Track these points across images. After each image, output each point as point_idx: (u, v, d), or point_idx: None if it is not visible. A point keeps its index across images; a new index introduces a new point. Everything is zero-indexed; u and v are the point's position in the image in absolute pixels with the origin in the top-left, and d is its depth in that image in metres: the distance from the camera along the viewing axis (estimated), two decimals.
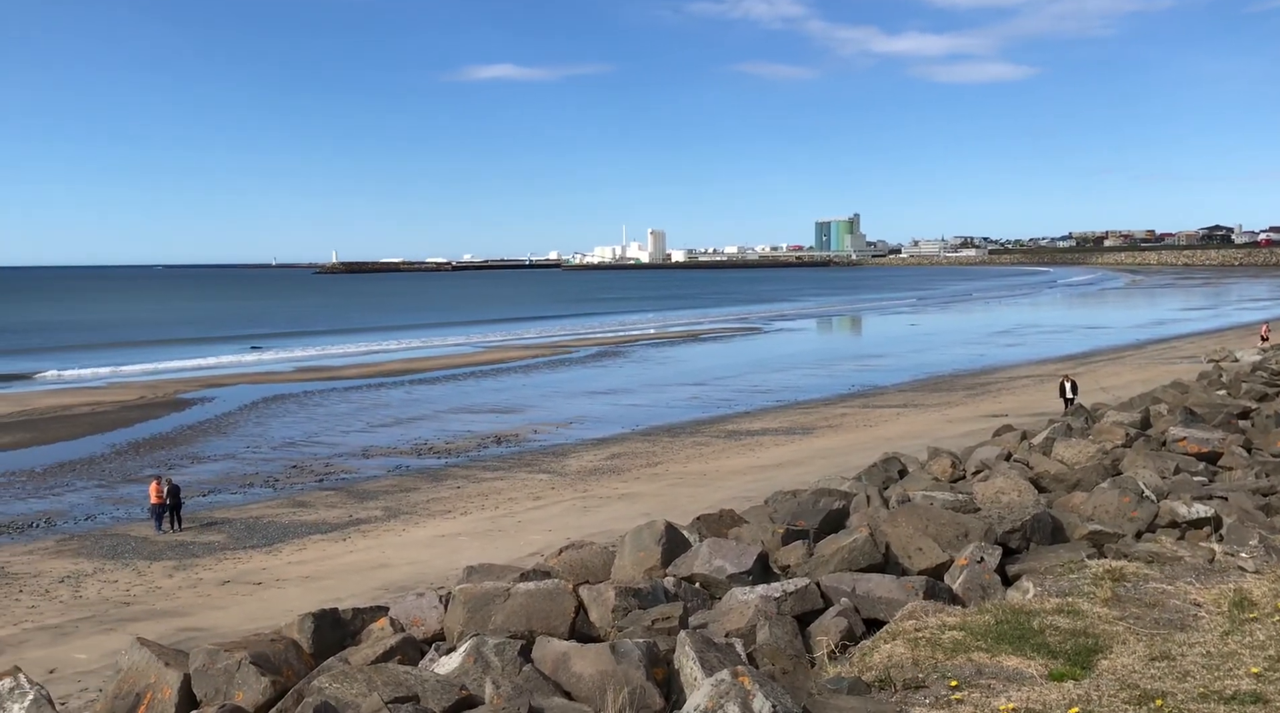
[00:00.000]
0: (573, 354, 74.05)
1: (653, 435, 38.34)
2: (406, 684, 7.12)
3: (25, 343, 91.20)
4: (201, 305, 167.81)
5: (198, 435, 40.48)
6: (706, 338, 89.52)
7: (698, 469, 30.98)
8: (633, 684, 7.31)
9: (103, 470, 33.67)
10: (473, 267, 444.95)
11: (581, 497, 27.69)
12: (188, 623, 18.02)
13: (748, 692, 7.01)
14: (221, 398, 51.57)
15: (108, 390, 55.62)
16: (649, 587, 9.56)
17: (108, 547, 24.22)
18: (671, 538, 11.33)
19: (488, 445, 37.11)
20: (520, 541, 22.82)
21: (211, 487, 30.87)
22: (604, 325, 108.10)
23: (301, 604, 17.74)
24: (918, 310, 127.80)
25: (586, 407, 46.67)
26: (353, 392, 53.80)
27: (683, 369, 63.14)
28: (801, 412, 43.46)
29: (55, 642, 17.35)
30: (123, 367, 68.63)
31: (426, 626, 9.34)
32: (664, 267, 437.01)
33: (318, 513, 27.22)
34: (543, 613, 8.97)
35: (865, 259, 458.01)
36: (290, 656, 8.24)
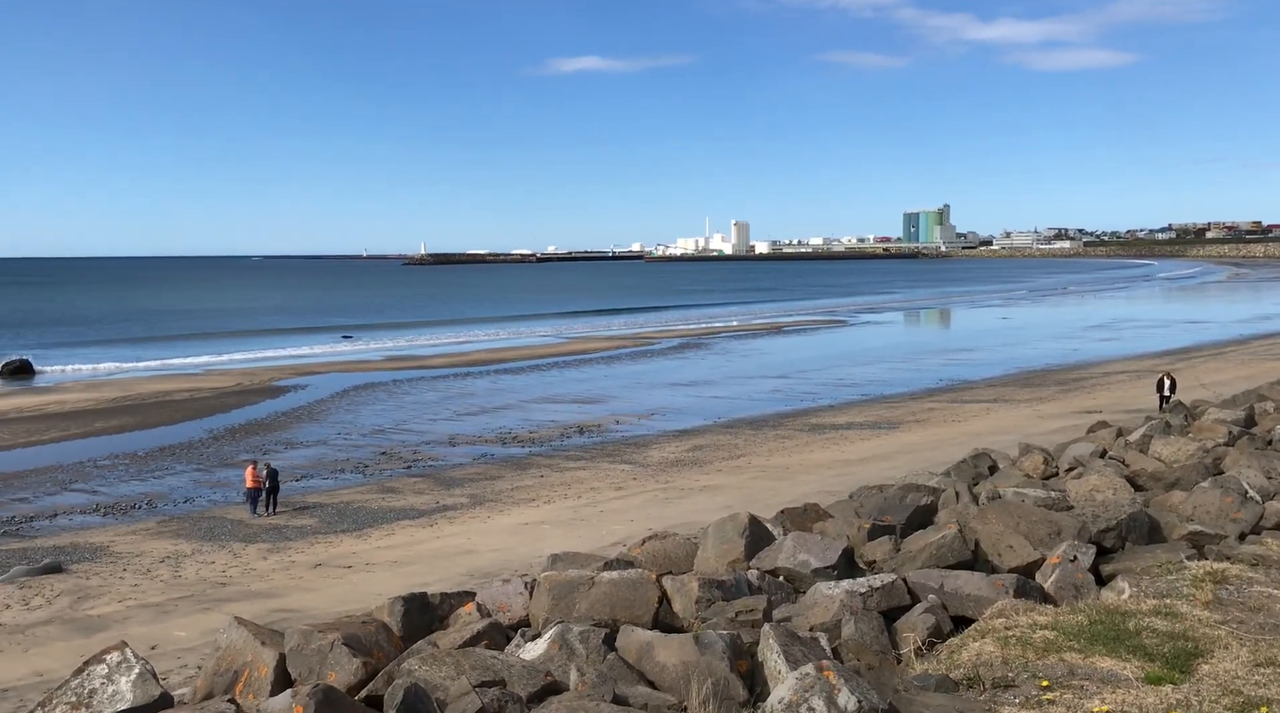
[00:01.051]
0: (655, 346, 74.15)
1: (735, 428, 38.21)
2: (493, 669, 7.22)
3: (127, 333, 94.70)
4: (296, 295, 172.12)
5: (291, 422, 41.57)
6: (790, 330, 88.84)
7: (780, 463, 30.79)
8: (716, 676, 7.30)
9: (201, 455, 34.80)
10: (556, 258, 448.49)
11: (663, 488, 27.73)
12: (281, 604, 18.52)
13: (833, 687, 6.96)
14: (314, 385, 52.90)
15: (206, 377, 57.46)
16: (732, 579, 9.53)
17: (205, 529, 25.02)
18: (755, 531, 11.28)
19: (570, 435, 37.39)
20: (602, 530, 22.95)
21: (304, 472, 31.68)
22: (686, 317, 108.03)
23: (390, 588, 18.13)
24: (1009, 303, 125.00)
25: (668, 398, 46.72)
26: (440, 380, 54.68)
27: (765, 362, 62.77)
28: (887, 406, 42.88)
29: (156, 619, 17.99)
30: (222, 355, 70.84)
31: (512, 612, 9.46)
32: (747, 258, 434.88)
33: (406, 499, 27.74)
34: (626, 602, 9.01)
35: (955, 251, 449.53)
36: (381, 638, 8.42)
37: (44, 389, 53.89)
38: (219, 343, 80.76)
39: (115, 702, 7.28)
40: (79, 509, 27.37)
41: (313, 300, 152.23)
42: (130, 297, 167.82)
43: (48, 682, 14.80)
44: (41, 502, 28.20)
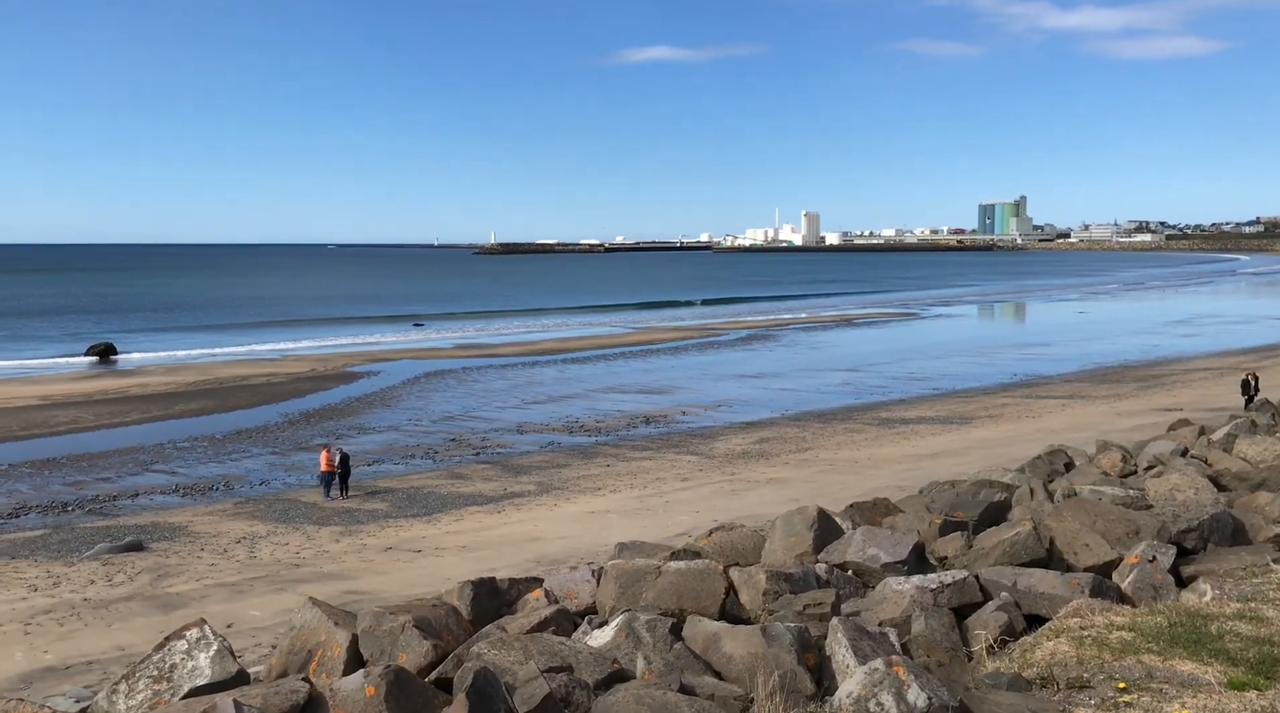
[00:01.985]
0: (722, 337, 73.92)
1: (803, 421, 37.94)
2: (561, 655, 7.26)
3: (206, 319, 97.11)
4: (369, 283, 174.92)
5: (364, 407, 42.29)
6: (860, 323, 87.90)
7: (849, 456, 30.50)
8: (784, 668, 7.26)
9: (276, 438, 35.58)
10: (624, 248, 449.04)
11: (729, 480, 27.66)
12: (352, 586, 18.87)
13: (902, 682, 6.87)
14: (386, 372, 53.75)
15: (282, 362, 58.71)
16: (800, 572, 9.46)
17: (280, 511, 25.57)
18: (824, 524, 11.18)
19: (637, 425, 37.47)
20: (668, 520, 22.96)
21: (376, 457, 32.21)
22: (754, 308, 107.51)
23: (458, 573, 18.35)
24: (1087, 298, 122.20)
25: (735, 390, 46.56)
26: (508, 369, 55.18)
27: (835, 354, 62.22)
28: (959, 401, 42.23)
29: (232, 598, 18.44)
30: (299, 341, 72.33)
31: (579, 599, 9.51)
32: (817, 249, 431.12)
33: (474, 485, 28.05)
34: (693, 592, 8.99)
35: (1031, 243, 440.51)
36: (450, 621, 8.53)
37: (127, 372, 55.57)
38: (295, 330, 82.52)
39: (194, 677, 7.47)
40: (159, 490, 28.17)
41: (385, 288, 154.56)
42: (210, 283, 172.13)
43: (129, 656, 15.27)
44: (124, 482, 29.09)
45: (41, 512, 25.77)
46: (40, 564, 20.97)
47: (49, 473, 30.11)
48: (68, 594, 18.83)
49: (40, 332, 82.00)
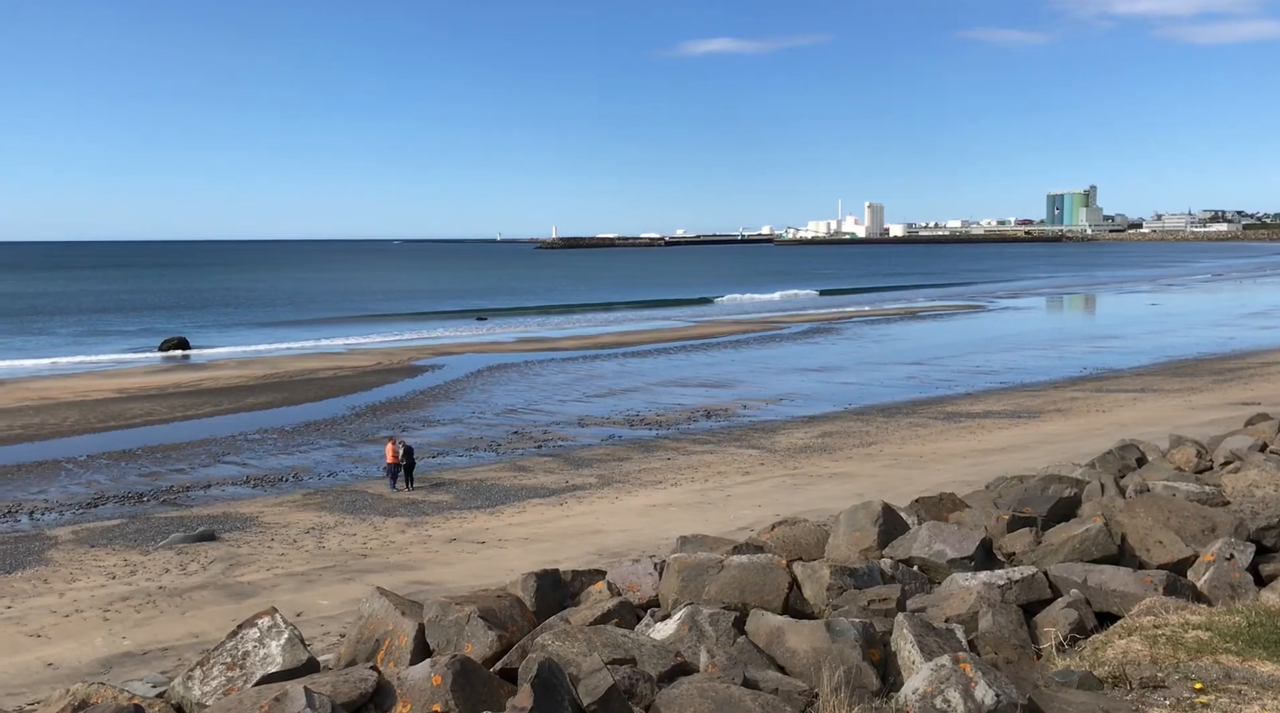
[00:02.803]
0: (783, 330, 73.49)
1: (866, 415, 37.59)
2: (624, 647, 7.28)
3: (276, 314, 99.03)
4: (433, 277, 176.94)
5: (428, 400, 42.81)
6: (925, 316, 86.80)
7: (914, 451, 30.15)
8: (848, 663, 7.20)
9: (343, 431, 36.17)
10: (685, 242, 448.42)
11: (791, 474, 27.51)
12: (418, 577, 19.12)
13: (969, 679, 6.78)
14: (450, 366, 54.35)
15: (349, 356, 59.67)
16: (865, 567, 9.38)
17: (347, 502, 26.00)
18: (888, 519, 11.07)
19: (697, 419, 37.42)
20: (729, 514, 22.91)
21: (440, 449, 32.59)
22: (815, 301, 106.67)
23: (521, 564, 18.50)
24: (1159, 289, 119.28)
25: (797, 383, 46.28)
26: (569, 363, 55.45)
27: (899, 348, 61.52)
28: (1027, 395, 41.50)
29: (301, 588, 18.80)
30: (367, 337, 73.48)
31: (642, 591, 9.53)
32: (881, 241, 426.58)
33: (536, 478, 28.25)
34: (756, 586, 8.96)
35: (1101, 234, 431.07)
36: (515, 612, 8.60)
37: (199, 366, 56.90)
38: (361, 324, 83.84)
39: (266, 664, 7.64)
40: (231, 481, 28.81)
41: (449, 283, 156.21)
42: (279, 278, 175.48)
43: (203, 643, 15.66)
44: (197, 473, 29.79)
45: (119, 502, 26.51)
46: (118, 553, 21.58)
47: (126, 464, 30.95)
48: (144, 582, 19.36)
49: (116, 327, 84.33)
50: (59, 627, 16.90)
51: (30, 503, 26.33)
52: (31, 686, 14.20)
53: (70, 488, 28.06)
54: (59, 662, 15.27)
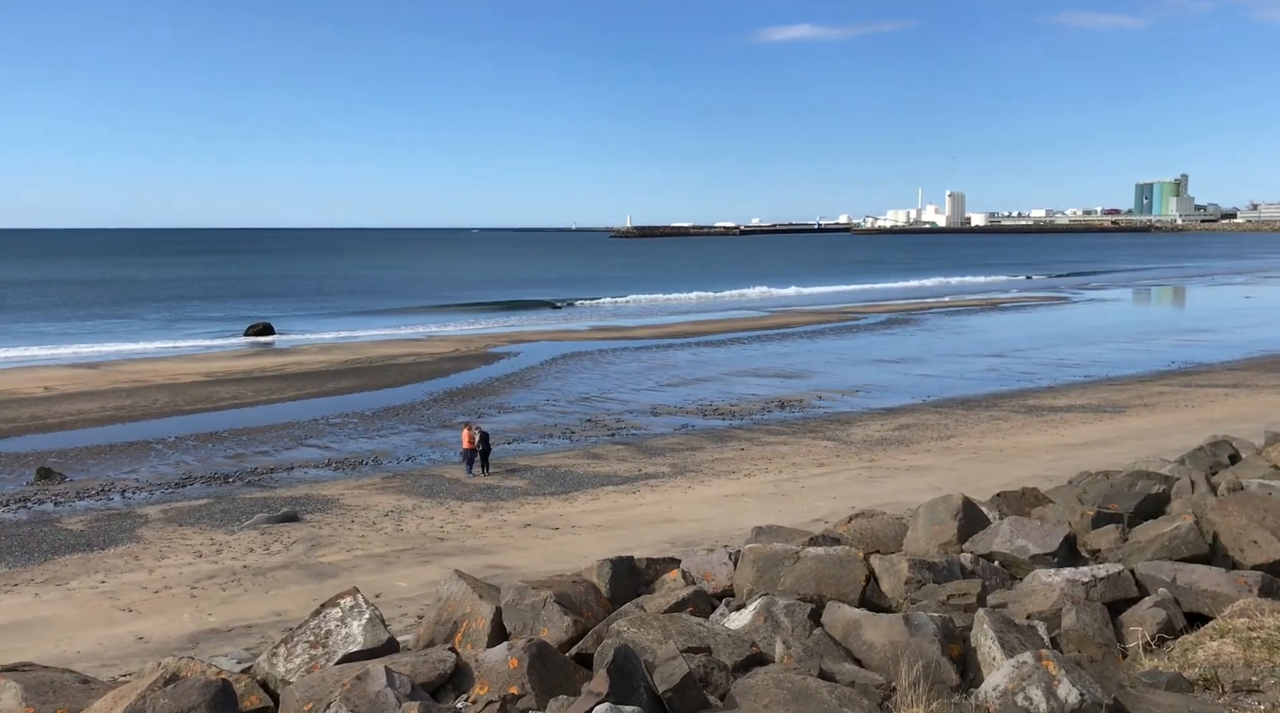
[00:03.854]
0: (860, 321, 72.65)
1: (945, 408, 36.99)
2: (699, 636, 7.27)
3: (358, 300, 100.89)
4: (509, 266, 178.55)
5: (504, 387, 43.25)
6: (1007, 307, 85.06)
7: (994, 445, 29.60)
8: (927, 658, 7.10)
9: (421, 416, 36.74)
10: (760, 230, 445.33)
11: (867, 466, 27.21)
12: (493, 561, 19.35)
13: (1052, 677, 6.64)
14: (526, 353, 54.84)
15: (427, 343, 60.55)
16: (944, 561, 9.23)
17: (425, 486, 26.41)
18: (969, 513, 10.88)
19: (771, 410, 37.21)
20: (804, 506, 22.75)
21: (515, 436, 32.91)
22: (895, 291, 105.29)
23: (594, 551, 18.60)
24: (1254, 282, 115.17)
25: (874, 375, 45.72)
26: (643, 351, 55.53)
27: (979, 339, 60.41)
28: (1112, 388, 40.44)
29: (380, 569, 19.16)
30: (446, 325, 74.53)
31: (716, 581, 9.50)
32: (962, 231, 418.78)
33: (609, 466, 28.37)
34: (832, 579, 8.87)
35: (1192, 224, 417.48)
36: (590, 598, 8.65)
37: (283, 351, 58.26)
38: (439, 311, 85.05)
39: (347, 643, 7.79)
40: (313, 464, 29.45)
41: (525, 271, 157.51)
42: (362, 266, 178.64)
43: (285, 621, 16.05)
44: (281, 455, 30.52)
45: (205, 482, 27.29)
46: (204, 532, 22.22)
47: (212, 446, 31.84)
48: (229, 561, 19.91)
49: (203, 312, 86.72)
50: (149, 602, 17.48)
51: (122, 482, 27.24)
52: (124, 658, 14.71)
53: (160, 468, 28.96)
54: (149, 636, 15.78)
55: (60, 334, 68.83)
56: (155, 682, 6.70)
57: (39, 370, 49.36)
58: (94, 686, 7.54)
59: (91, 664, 13.60)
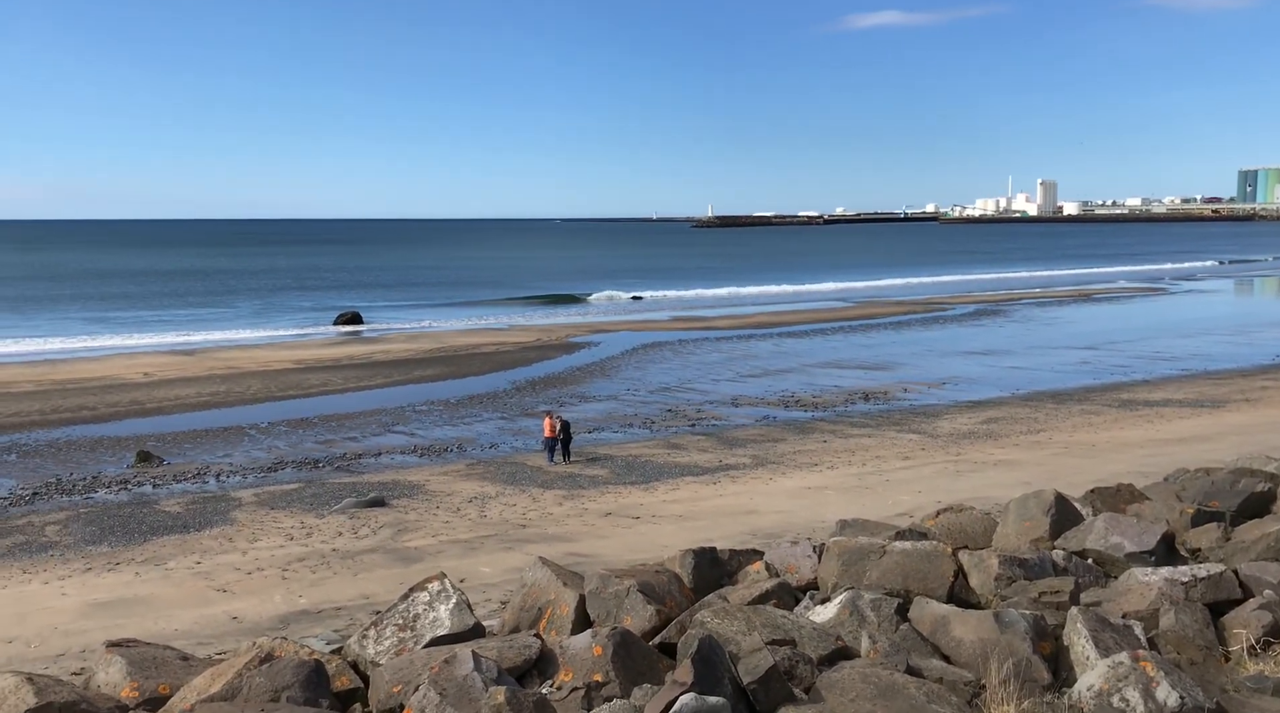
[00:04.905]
0: (948, 312, 71.37)
1: (1035, 401, 36.14)
2: (784, 628, 7.22)
3: (443, 290, 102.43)
4: (591, 256, 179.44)
5: (585, 376, 43.50)
6: (1100, 298, 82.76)
7: (1085, 439, 28.82)
8: (1018, 656, 6.94)
9: (504, 404, 37.15)
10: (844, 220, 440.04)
11: (954, 460, 26.71)
12: (574, 549, 19.47)
13: (1150, 679, 6.44)
14: (606, 343, 55.07)
15: (510, 332, 61.22)
16: (1035, 558, 9.01)
17: (508, 473, 26.70)
18: (1061, 509, 10.61)
19: (855, 402, 36.77)
20: (888, 499, 22.43)
21: (596, 425, 33.08)
22: (984, 282, 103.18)
23: (675, 541, 18.60)
24: None
25: (961, 367, 44.88)
26: (723, 342, 55.34)
27: (1071, 331, 58.88)
28: (1211, 382, 39.06)
29: (465, 555, 19.42)
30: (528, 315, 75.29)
31: (800, 573, 9.42)
32: (1054, 220, 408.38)
33: (690, 456, 28.33)
34: (919, 574, 8.73)
35: None
36: (673, 588, 8.64)
37: (370, 339, 59.45)
38: (522, 301, 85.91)
39: (435, 627, 7.91)
40: (399, 450, 29.99)
41: (606, 262, 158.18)
42: (447, 256, 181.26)
43: (372, 604, 16.38)
44: (368, 441, 31.15)
45: (296, 467, 27.98)
46: (295, 515, 22.79)
47: (303, 431, 32.64)
48: (318, 544, 20.38)
49: (294, 301, 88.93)
50: (242, 583, 17.98)
51: (217, 466, 28.08)
52: (218, 637, 15.16)
53: (253, 453, 29.79)
54: (242, 616, 16.24)
55: (159, 322, 71.30)
56: (251, 661, 6.88)
57: (139, 357, 51.18)
58: (193, 662, 7.78)
59: (188, 642, 14.05)
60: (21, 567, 19.41)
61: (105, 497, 24.97)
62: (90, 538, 21.25)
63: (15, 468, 27.96)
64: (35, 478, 26.75)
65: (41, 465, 28.17)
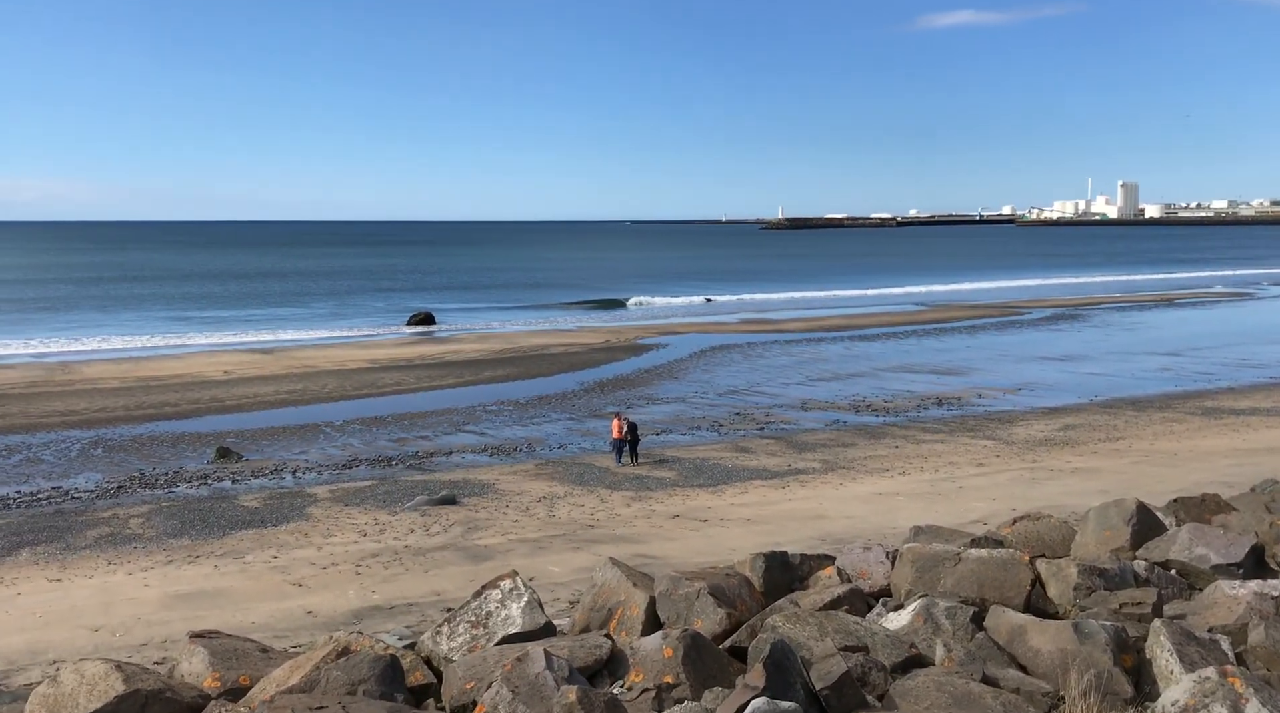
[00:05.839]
0: (1023, 316, 70.02)
1: (1114, 408, 35.28)
2: (856, 634, 7.14)
3: (513, 292, 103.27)
4: (659, 258, 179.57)
5: (653, 378, 43.55)
6: (1183, 303, 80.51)
7: (1167, 447, 28.06)
8: (1099, 668, 6.77)
9: (572, 405, 37.35)
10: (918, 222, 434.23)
11: (1030, 467, 26.20)
12: (643, 550, 19.50)
13: (1239, 695, 6.24)
14: (674, 345, 55.07)
15: (578, 334, 61.54)
16: (1116, 568, 8.79)
17: (576, 474, 26.84)
18: (1143, 518, 10.33)
19: (928, 406, 36.26)
20: (961, 506, 22.08)
21: (664, 427, 33.09)
22: (1061, 286, 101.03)
23: (743, 544, 18.53)
24: None
25: (1037, 372, 43.99)
26: (793, 345, 54.97)
27: (1152, 337, 57.37)
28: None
29: (534, 554, 19.57)
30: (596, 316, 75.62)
31: (873, 580, 9.31)
32: (1135, 223, 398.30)
33: (758, 459, 28.20)
34: (995, 582, 8.57)
35: None
36: (743, 591, 8.60)
37: (442, 340, 60.22)
38: (590, 304, 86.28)
39: (507, 625, 7.97)
40: (470, 449, 30.33)
41: (674, 264, 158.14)
42: (517, 258, 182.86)
43: (444, 600, 16.58)
44: (440, 440, 31.55)
45: (370, 465, 28.45)
46: (369, 512, 23.17)
47: (377, 429, 33.18)
48: (391, 541, 20.70)
49: (369, 301, 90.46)
50: (317, 578, 18.33)
51: (294, 463, 28.68)
52: (294, 630, 15.48)
53: (328, 450, 30.36)
54: (317, 610, 16.56)
55: (238, 321, 73.09)
56: (328, 654, 7.01)
57: (219, 355, 52.51)
58: (272, 655, 7.95)
59: (265, 635, 14.36)
60: (107, 558, 20.04)
61: (186, 491, 25.65)
62: (172, 531, 21.85)
63: (101, 462, 28.86)
64: (120, 472, 27.59)
65: (126, 460, 29.04)
